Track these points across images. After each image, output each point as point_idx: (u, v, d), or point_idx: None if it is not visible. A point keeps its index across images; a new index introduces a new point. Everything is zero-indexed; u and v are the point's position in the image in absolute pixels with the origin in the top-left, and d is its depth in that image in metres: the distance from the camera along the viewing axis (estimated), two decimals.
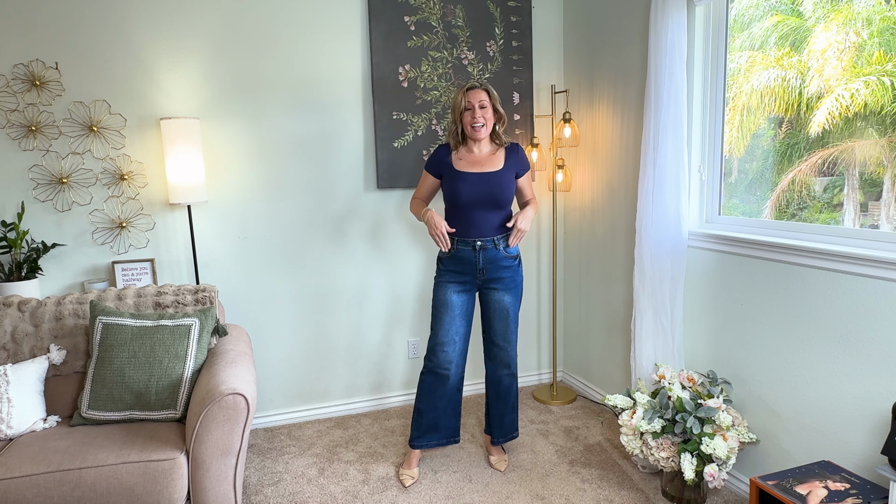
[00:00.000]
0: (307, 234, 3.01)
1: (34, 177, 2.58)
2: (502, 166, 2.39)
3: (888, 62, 1.98)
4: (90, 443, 1.95)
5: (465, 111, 2.35)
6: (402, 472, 2.52)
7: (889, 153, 2.01)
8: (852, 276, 1.88)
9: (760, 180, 2.49)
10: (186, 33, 2.70)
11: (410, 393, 3.31)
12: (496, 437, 2.64)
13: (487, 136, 2.40)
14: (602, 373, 3.21)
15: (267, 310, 2.99)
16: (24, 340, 2.27)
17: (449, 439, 2.59)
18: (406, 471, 2.53)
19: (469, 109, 2.33)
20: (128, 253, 2.74)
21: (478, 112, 2.32)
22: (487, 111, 2.34)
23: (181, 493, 1.88)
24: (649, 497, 2.33)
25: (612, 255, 3.04)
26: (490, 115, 2.35)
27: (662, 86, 2.36)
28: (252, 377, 2.11)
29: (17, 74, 2.50)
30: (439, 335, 2.45)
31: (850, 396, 1.92)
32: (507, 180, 2.39)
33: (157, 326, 2.20)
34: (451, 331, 2.45)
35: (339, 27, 2.91)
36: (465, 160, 2.41)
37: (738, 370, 2.33)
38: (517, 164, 2.43)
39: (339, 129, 2.98)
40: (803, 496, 1.75)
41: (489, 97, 2.34)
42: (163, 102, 2.70)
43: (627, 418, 2.31)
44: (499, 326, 2.50)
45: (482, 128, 2.34)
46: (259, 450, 2.81)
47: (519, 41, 3.20)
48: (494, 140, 2.43)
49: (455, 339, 2.45)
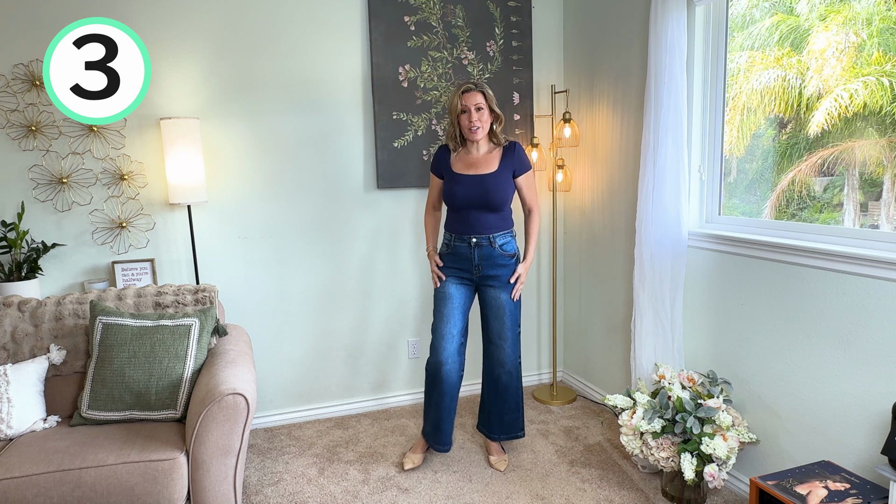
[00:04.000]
0: (307, 234, 3.01)
1: (34, 177, 2.58)
2: (497, 168, 2.39)
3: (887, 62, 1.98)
4: (90, 443, 1.95)
5: (461, 113, 2.35)
6: (406, 455, 2.60)
7: (889, 153, 2.01)
8: (852, 276, 1.88)
9: (760, 180, 2.49)
10: (186, 33, 2.70)
11: (411, 393, 3.31)
12: (496, 433, 2.62)
13: (485, 136, 2.40)
14: (602, 373, 3.21)
15: (267, 310, 2.99)
16: (24, 340, 2.27)
17: (438, 444, 2.54)
18: (410, 454, 2.60)
19: (465, 112, 2.33)
20: (128, 253, 2.74)
21: (474, 115, 2.32)
22: (484, 113, 2.34)
23: (181, 493, 1.88)
24: (649, 497, 2.33)
25: (612, 255, 3.04)
26: (487, 117, 2.35)
27: (662, 86, 2.36)
28: (252, 377, 2.11)
29: (17, 74, 2.50)
30: (438, 329, 2.47)
31: (850, 396, 1.92)
32: (502, 182, 2.38)
33: (157, 326, 2.20)
34: (448, 324, 2.45)
35: (339, 27, 2.91)
36: (462, 161, 2.42)
37: (738, 370, 2.33)
38: (514, 164, 2.42)
39: (339, 129, 2.98)
40: (803, 496, 1.75)
41: (485, 98, 2.34)
42: (163, 102, 2.70)
43: (627, 418, 2.31)
44: (495, 324, 2.50)
45: (479, 130, 2.34)
46: (259, 450, 2.81)
47: (519, 41, 3.20)
48: (492, 140, 2.43)
49: (453, 333, 2.46)
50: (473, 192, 2.36)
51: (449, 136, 2.45)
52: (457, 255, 2.46)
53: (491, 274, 2.44)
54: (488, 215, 2.40)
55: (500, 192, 2.37)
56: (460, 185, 2.37)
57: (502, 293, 2.46)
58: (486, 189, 2.35)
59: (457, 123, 2.39)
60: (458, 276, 2.48)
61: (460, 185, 2.37)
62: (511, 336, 2.52)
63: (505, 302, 2.47)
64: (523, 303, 3.46)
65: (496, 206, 2.38)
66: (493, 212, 2.40)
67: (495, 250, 2.41)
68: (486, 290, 2.49)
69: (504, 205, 2.41)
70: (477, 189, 2.35)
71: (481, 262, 2.43)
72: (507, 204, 2.42)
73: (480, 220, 2.39)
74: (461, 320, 2.49)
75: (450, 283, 2.48)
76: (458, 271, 2.47)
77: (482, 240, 2.40)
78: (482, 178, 2.37)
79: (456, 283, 2.48)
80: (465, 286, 2.49)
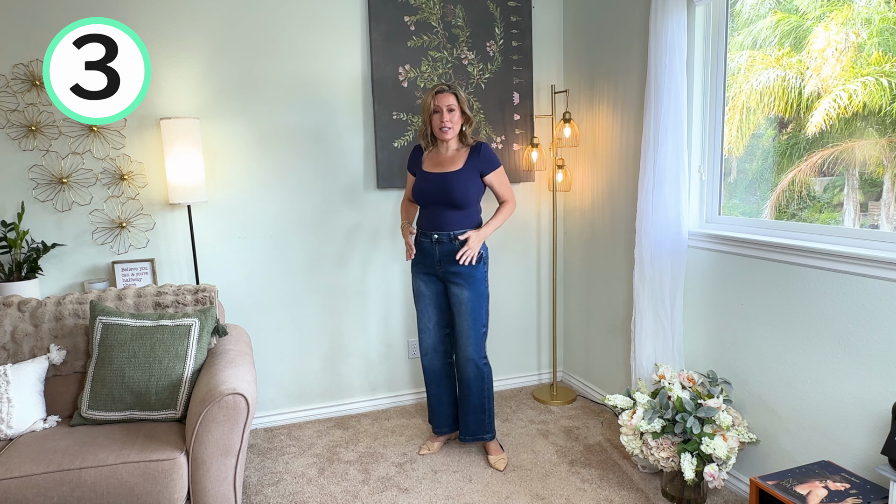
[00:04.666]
0: (307, 234, 3.01)
1: (34, 177, 2.58)
2: (461, 167, 2.45)
3: (886, 62, 1.98)
4: (90, 443, 1.95)
5: (433, 113, 2.42)
6: (426, 442, 2.77)
7: (889, 153, 2.01)
8: (852, 276, 1.88)
9: (760, 180, 2.49)
10: (186, 33, 2.70)
11: (411, 393, 3.31)
12: (462, 434, 2.69)
13: (455, 136, 2.47)
14: (602, 373, 3.21)
15: (267, 310, 3.00)
16: (24, 340, 2.27)
17: (435, 428, 2.74)
18: (428, 442, 2.76)
19: (438, 112, 2.40)
20: (128, 253, 2.74)
21: (445, 115, 2.40)
22: (455, 114, 2.41)
23: (181, 493, 1.88)
24: (649, 497, 2.33)
25: (612, 255, 3.04)
26: (458, 118, 2.43)
27: (662, 86, 2.37)
28: (252, 377, 2.11)
29: (17, 74, 2.50)
30: (420, 323, 2.66)
31: (850, 396, 1.92)
32: (463, 180, 2.42)
33: (157, 326, 2.20)
34: (424, 318, 2.63)
35: (339, 27, 2.91)
36: (431, 160, 2.52)
37: (738, 370, 2.33)
38: (480, 164, 2.46)
39: (339, 128, 2.98)
40: (803, 496, 1.75)
41: (457, 100, 2.41)
42: (163, 102, 2.70)
43: (627, 418, 2.31)
44: (458, 321, 2.56)
45: (449, 130, 2.41)
46: (259, 450, 2.81)
47: (519, 41, 3.20)
48: (461, 140, 2.51)
49: (429, 327, 2.62)
50: (437, 189, 2.44)
51: (421, 134, 2.53)
52: (421, 252, 2.55)
53: (452, 270, 2.49)
54: (451, 212, 2.46)
55: (461, 189, 2.41)
56: (427, 183, 2.47)
57: (464, 291, 2.49)
58: (448, 186, 2.42)
59: (429, 123, 2.46)
60: (425, 272, 2.58)
61: (427, 183, 2.47)
62: (473, 335, 2.52)
63: (466, 300, 2.49)
64: (523, 303, 3.46)
65: (458, 204, 2.43)
66: (456, 209, 2.45)
67: (455, 246, 2.46)
68: (449, 287, 2.56)
69: (466, 203, 2.45)
70: (440, 186, 2.43)
71: (442, 259, 2.50)
72: (469, 203, 2.46)
73: (443, 216, 2.46)
74: (435, 314, 2.61)
75: (419, 279, 2.60)
76: (424, 267, 2.57)
77: (443, 236, 2.47)
78: (445, 175, 2.45)
79: (425, 279, 2.58)
80: (433, 282, 2.58)
